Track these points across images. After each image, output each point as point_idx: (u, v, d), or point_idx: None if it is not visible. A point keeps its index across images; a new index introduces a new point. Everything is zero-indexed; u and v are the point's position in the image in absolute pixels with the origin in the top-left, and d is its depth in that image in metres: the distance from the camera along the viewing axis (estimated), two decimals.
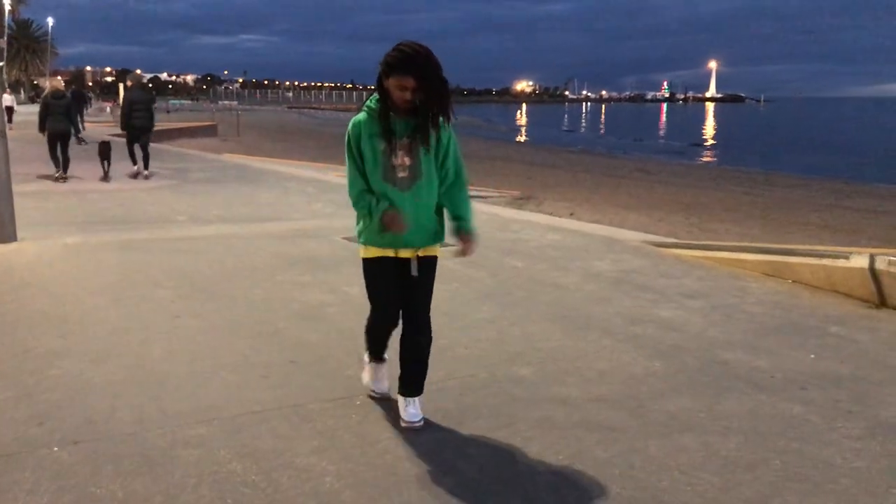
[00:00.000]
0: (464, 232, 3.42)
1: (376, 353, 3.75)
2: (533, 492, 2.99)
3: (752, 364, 4.44)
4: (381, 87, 3.22)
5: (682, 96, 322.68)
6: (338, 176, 15.45)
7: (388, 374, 3.79)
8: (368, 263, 3.46)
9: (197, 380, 4.08)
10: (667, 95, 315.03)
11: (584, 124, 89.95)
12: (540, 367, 4.35)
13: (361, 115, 3.31)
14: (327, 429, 3.51)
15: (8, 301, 5.52)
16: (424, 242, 3.41)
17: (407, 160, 3.29)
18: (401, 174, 3.30)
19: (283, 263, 6.85)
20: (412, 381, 3.54)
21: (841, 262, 5.86)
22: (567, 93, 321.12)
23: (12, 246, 7.43)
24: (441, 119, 3.29)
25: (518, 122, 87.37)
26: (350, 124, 3.34)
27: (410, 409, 3.54)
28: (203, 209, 10.26)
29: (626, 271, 6.71)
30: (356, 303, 5.55)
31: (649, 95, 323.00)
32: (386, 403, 3.75)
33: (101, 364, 4.28)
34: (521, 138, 54.72)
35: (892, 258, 5.53)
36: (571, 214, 13.16)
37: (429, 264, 3.44)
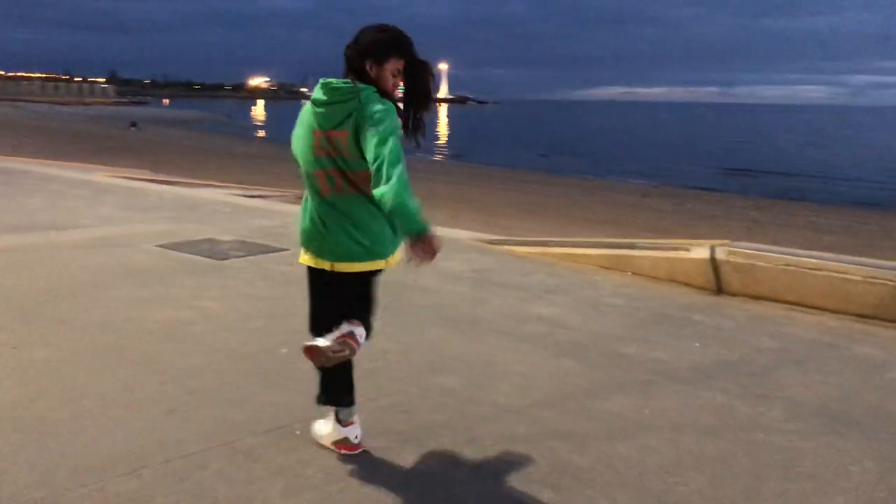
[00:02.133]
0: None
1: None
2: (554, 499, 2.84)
3: (651, 356, 4.61)
4: (366, 76, 2.81)
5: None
6: (105, 176, 14.01)
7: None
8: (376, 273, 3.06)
9: (89, 423, 3.42)
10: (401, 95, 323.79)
11: None
12: (463, 375, 4.19)
13: None
14: (285, 467, 3.09)
15: None
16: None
17: None
18: None
19: (107, 278, 6.01)
20: (346, 389, 3.22)
21: (683, 254, 6.30)
22: (304, 89, 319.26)
23: None
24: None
25: (257, 120, 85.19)
26: (390, 108, 2.80)
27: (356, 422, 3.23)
28: None
29: (479, 270, 6.71)
30: (220, 319, 5.05)
31: None
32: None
33: None
34: (261, 134, 53.63)
35: (731, 249, 6.04)
36: None
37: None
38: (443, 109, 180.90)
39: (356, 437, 3.16)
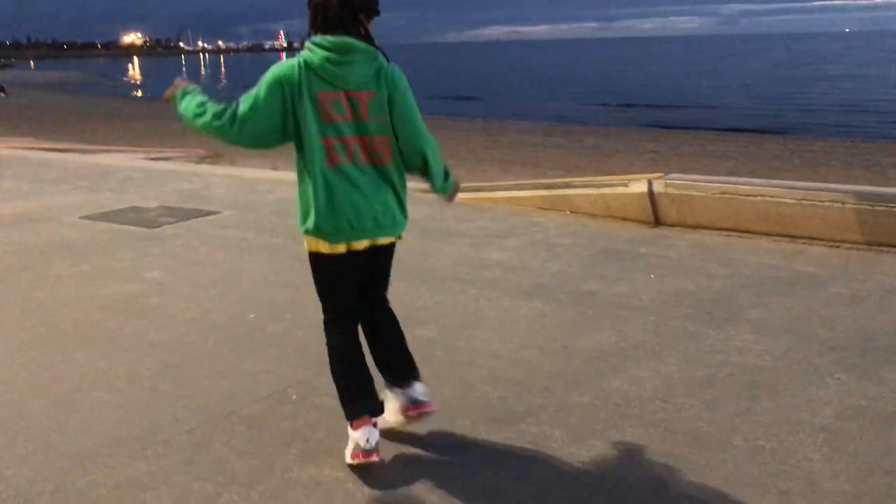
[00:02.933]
0: None
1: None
2: (555, 447, 2.91)
3: (614, 291, 4.75)
4: (355, 31, 2.62)
5: (300, 45, 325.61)
6: (3, 147, 13.13)
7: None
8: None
9: (72, 410, 3.28)
10: (285, 45, 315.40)
11: (203, 75, 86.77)
12: (440, 325, 4.22)
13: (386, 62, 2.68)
14: (292, 432, 3.05)
15: None
16: None
17: None
18: None
19: (40, 255, 5.71)
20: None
21: (620, 189, 6.46)
22: (182, 44, 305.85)
23: None
24: None
25: (134, 79, 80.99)
26: (400, 72, 2.71)
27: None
28: None
29: (418, 220, 6.67)
30: (173, 289, 4.91)
31: (267, 45, 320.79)
32: (328, 391, 3.35)
33: None
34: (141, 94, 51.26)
35: (667, 181, 6.23)
36: (276, 169, 12.73)
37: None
38: None
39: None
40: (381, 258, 2.85)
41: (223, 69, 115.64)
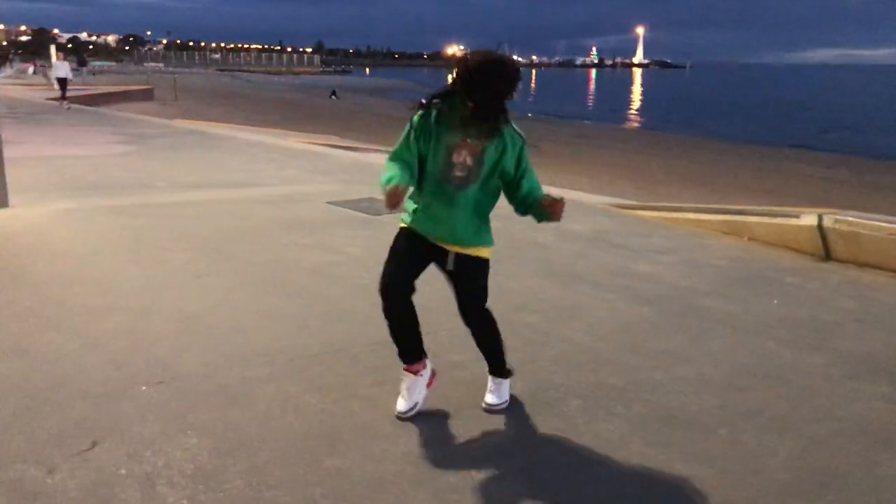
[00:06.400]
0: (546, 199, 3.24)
1: (400, 351, 3.55)
2: (568, 413, 3.57)
3: (726, 309, 5.12)
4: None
5: (612, 62, 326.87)
6: (296, 142, 15.71)
7: (417, 390, 3.55)
8: (401, 231, 3.50)
9: (243, 329, 4.53)
10: (595, 61, 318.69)
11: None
12: (546, 314, 4.93)
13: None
14: (378, 367, 4.01)
15: (31, 262, 5.80)
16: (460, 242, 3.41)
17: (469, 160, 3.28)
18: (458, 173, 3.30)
19: (280, 227, 7.25)
20: (487, 360, 3.66)
21: (793, 221, 6.61)
22: None
23: (7, 212, 7.60)
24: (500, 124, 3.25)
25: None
26: None
27: (489, 396, 3.61)
28: (177, 175, 10.48)
29: (599, 231, 7.35)
30: (361, 262, 6.06)
31: (579, 61, 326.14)
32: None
33: (147, 318, 4.67)
34: None
35: (837, 217, 6.29)
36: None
37: (474, 263, 3.43)
38: (638, 74, 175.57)
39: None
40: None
41: (533, 84, 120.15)
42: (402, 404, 3.52)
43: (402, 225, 3.52)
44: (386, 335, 3.51)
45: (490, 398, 3.63)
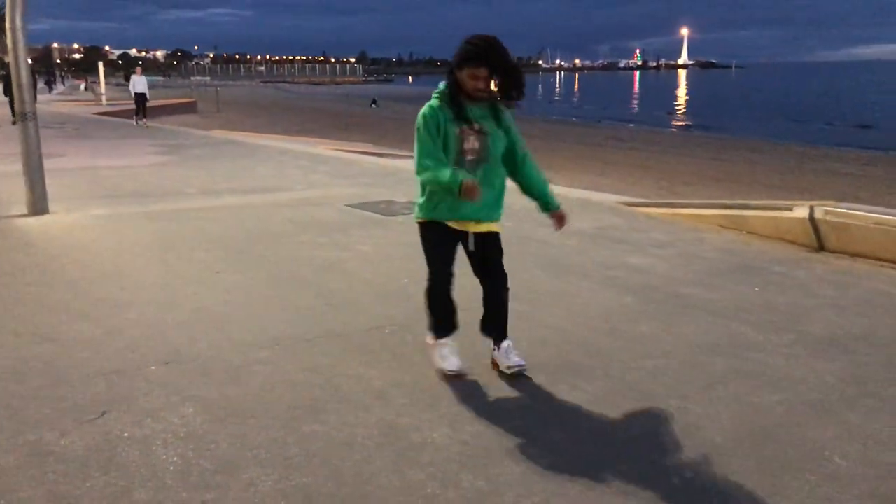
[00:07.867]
0: (552, 208, 3.97)
1: (440, 325, 4.04)
2: (550, 383, 3.89)
3: (706, 296, 5.39)
4: (452, 77, 3.72)
5: (655, 64, 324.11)
6: (326, 149, 16.23)
7: (457, 353, 4.05)
8: (425, 227, 3.87)
9: (253, 319, 4.94)
10: (639, 63, 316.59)
11: (557, 94, 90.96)
12: (533, 303, 5.25)
13: (434, 101, 3.72)
14: (369, 351, 4.39)
15: (65, 262, 6.32)
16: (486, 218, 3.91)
17: (476, 144, 3.70)
18: (470, 157, 3.72)
19: (298, 228, 7.69)
20: (501, 326, 4.12)
21: (786, 213, 6.82)
22: (541, 62, 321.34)
23: (47, 218, 8.18)
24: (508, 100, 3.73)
25: None
26: (426, 108, 3.76)
27: (514, 358, 4.02)
28: (211, 182, 11.03)
29: (602, 228, 7.64)
30: (368, 258, 6.45)
31: (622, 63, 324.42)
32: (415, 332, 4.62)
33: (166, 310, 5.12)
34: None
35: (828, 208, 6.49)
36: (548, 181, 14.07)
37: (493, 238, 3.96)
38: (682, 75, 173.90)
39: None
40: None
41: (576, 86, 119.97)
42: (456, 363, 4.00)
43: (421, 220, 3.92)
44: (378, 322, 3.99)
45: (516, 358, 4.02)
